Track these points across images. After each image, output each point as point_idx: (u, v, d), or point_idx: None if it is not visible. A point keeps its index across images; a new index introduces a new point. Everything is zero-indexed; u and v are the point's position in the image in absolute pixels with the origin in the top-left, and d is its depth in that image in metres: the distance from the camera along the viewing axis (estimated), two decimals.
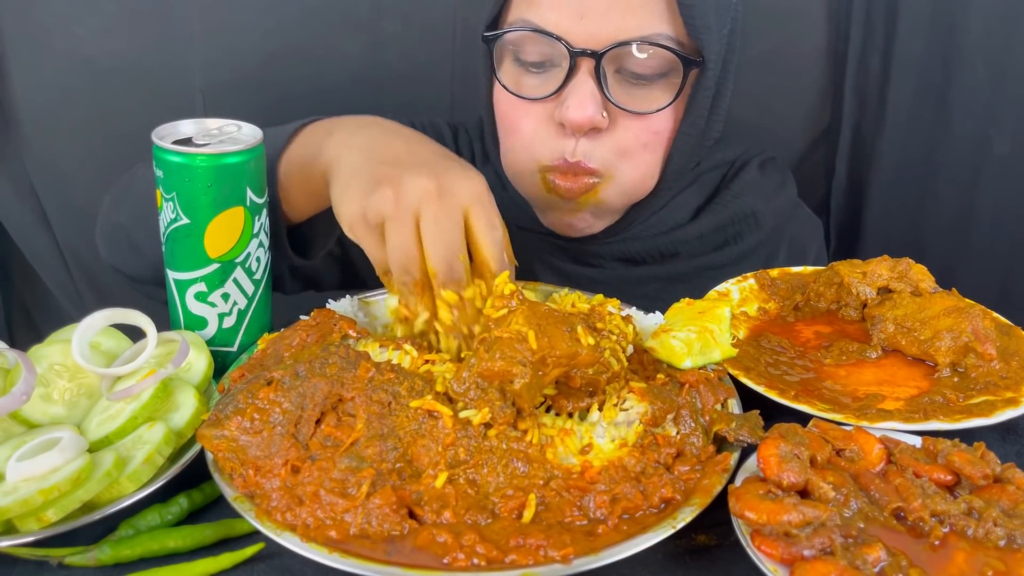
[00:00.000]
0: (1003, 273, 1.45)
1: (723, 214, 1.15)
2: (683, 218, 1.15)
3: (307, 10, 1.38)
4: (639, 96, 0.99)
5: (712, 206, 1.16)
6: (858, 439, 0.72)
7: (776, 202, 1.20)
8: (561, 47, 0.95)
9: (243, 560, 0.66)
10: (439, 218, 0.76)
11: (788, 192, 1.25)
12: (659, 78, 0.99)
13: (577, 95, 0.96)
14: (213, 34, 1.38)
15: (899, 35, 1.35)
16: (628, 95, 0.99)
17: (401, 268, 0.77)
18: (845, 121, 1.42)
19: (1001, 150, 1.38)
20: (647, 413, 0.74)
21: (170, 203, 0.82)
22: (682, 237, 1.14)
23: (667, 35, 0.96)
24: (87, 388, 0.79)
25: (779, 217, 1.20)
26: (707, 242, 1.15)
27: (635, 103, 0.99)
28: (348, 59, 1.40)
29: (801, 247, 1.24)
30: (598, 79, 0.96)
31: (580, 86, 0.96)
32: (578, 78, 0.96)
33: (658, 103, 0.99)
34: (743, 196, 1.17)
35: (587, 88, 0.96)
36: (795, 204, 1.27)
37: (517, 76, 1.02)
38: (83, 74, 1.39)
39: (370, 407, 0.71)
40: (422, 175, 0.77)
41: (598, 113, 0.96)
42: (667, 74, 0.99)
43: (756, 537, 0.62)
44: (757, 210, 1.16)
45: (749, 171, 1.20)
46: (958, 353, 0.87)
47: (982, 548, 0.63)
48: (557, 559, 0.61)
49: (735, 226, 1.16)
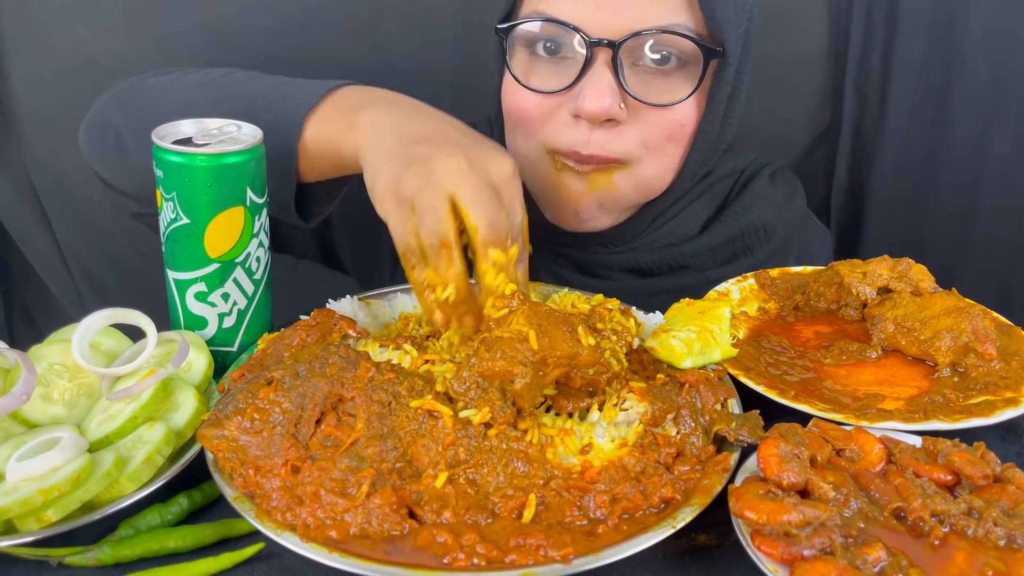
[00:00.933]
0: (1003, 273, 1.45)
1: (733, 227, 1.14)
2: (693, 229, 1.14)
3: (307, 10, 1.38)
4: (658, 87, 0.97)
5: (722, 218, 1.14)
6: (858, 439, 0.72)
7: (786, 214, 1.18)
8: (577, 37, 0.94)
9: (243, 560, 0.66)
10: (478, 187, 0.76)
11: (798, 203, 1.23)
12: (678, 69, 0.97)
13: (594, 85, 0.94)
14: (213, 34, 1.38)
15: (899, 35, 1.35)
16: (646, 86, 0.97)
17: (430, 231, 0.76)
18: (845, 121, 1.42)
19: (1001, 150, 1.38)
20: (647, 413, 0.74)
21: (170, 203, 0.82)
22: (692, 250, 1.12)
23: (686, 25, 0.95)
24: (87, 388, 0.79)
25: (789, 229, 1.18)
26: (716, 255, 1.14)
27: (654, 95, 0.97)
28: (348, 60, 1.40)
29: (810, 258, 1.21)
30: (615, 70, 0.95)
31: (597, 76, 0.95)
32: (595, 68, 0.95)
33: (678, 95, 0.97)
34: (753, 208, 1.15)
35: (604, 79, 0.94)
36: (805, 215, 1.25)
37: (530, 69, 1.01)
38: (83, 74, 1.39)
39: (370, 407, 0.71)
40: (455, 155, 0.78)
41: (616, 104, 0.95)
42: (686, 65, 0.97)
43: (756, 537, 0.62)
44: (767, 223, 1.15)
45: (759, 181, 1.18)
46: (958, 353, 0.87)
47: (982, 548, 0.63)
48: (557, 559, 0.61)
49: (745, 239, 1.14)
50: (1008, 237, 1.43)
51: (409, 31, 1.39)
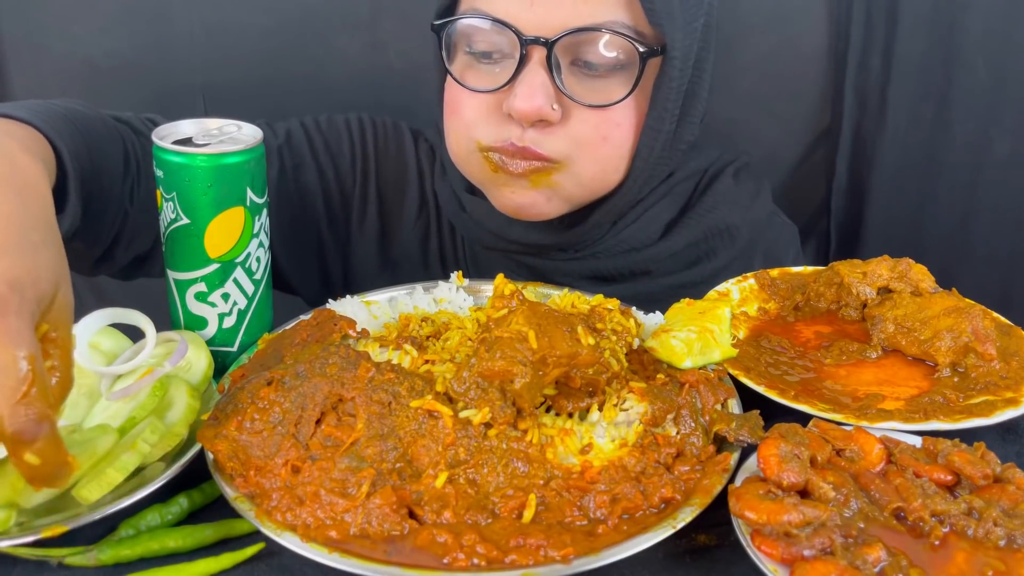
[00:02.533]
0: (1003, 273, 1.45)
1: (696, 229, 1.10)
2: (655, 233, 1.10)
3: (307, 10, 1.38)
4: (595, 88, 0.95)
5: (684, 220, 1.11)
6: (858, 439, 0.72)
7: (751, 214, 1.14)
8: (511, 35, 0.91)
9: (243, 560, 0.66)
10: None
11: (763, 200, 1.18)
12: (617, 69, 0.94)
13: (527, 84, 0.91)
14: (213, 34, 1.38)
15: (899, 35, 1.35)
16: (583, 87, 0.94)
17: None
18: (845, 122, 1.42)
19: (1001, 150, 1.38)
20: (647, 413, 0.74)
21: (170, 203, 0.82)
22: (653, 255, 1.09)
23: (623, 23, 0.92)
24: (87, 388, 0.79)
25: (754, 230, 1.14)
26: (679, 259, 1.10)
27: (590, 95, 0.94)
28: (348, 59, 1.41)
29: (776, 257, 1.18)
30: (550, 69, 0.92)
31: (530, 75, 0.92)
32: (528, 67, 0.92)
33: (616, 95, 0.94)
34: (717, 209, 1.11)
35: (538, 78, 0.92)
36: (771, 213, 1.21)
37: (468, 68, 0.98)
38: (83, 74, 1.39)
39: (370, 407, 0.71)
40: None
41: (548, 104, 0.92)
42: (626, 65, 0.94)
43: (756, 537, 0.62)
44: (731, 224, 1.11)
45: (723, 180, 1.13)
46: (958, 353, 0.87)
47: (982, 548, 0.63)
48: (557, 559, 0.61)
49: (708, 242, 1.11)
50: (1008, 237, 1.43)
51: (409, 31, 1.39)
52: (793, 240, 1.26)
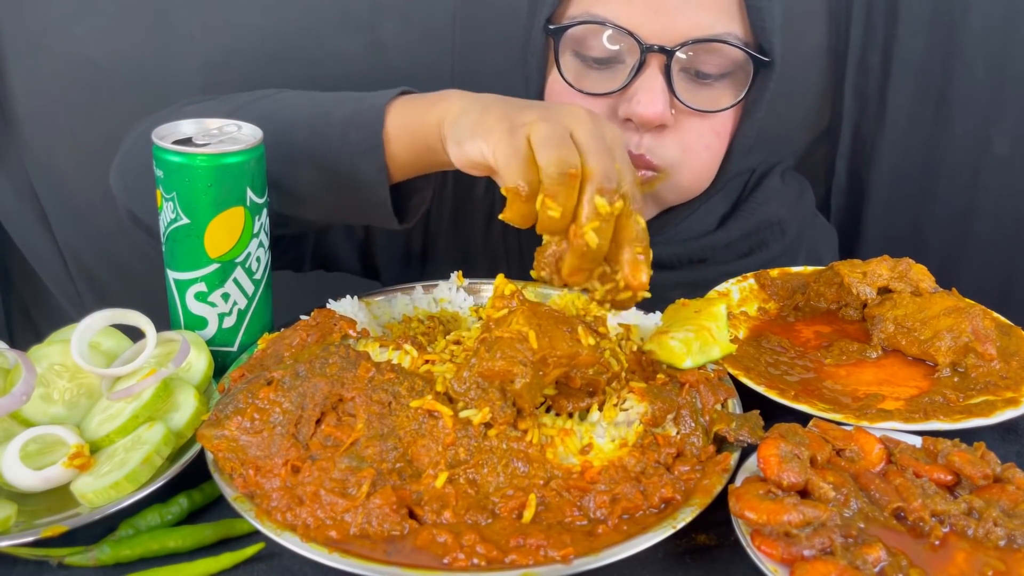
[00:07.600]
0: (1003, 273, 1.45)
1: (749, 221, 1.16)
2: (711, 224, 1.16)
3: (307, 10, 1.38)
4: (704, 95, 0.99)
5: (738, 213, 1.17)
6: (858, 439, 0.72)
7: (798, 210, 1.22)
8: (631, 41, 0.95)
9: (243, 560, 0.66)
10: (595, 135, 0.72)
11: (807, 201, 1.26)
12: (722, 78, 0.99)
13: (648, 91, 0.95)
14: (213, 34, 1.38)
15: (899, 35, 1.35)
16: (693, 94, 0.99)
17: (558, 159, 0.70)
18: (845, 121, 1.42)
19: (1001, 150, 1.38)
20: (647, 413, 0.74)
21: (170, 203, 0.82)
22: (710, 244, 1.14)
23: (736, 35, 0.97)
24: (87, 388, 0.79)
25: (801, 226, 1.21)
26: (734, 249, 1.16)
27: (701, 102, 0.99)
28: (348, 59, 1.40)
29: (817, 256, 1.24)
30: (667, 76, 0.96)
31: (650, 82, 0.96)
32: (647, 74, 0.96)
33: (722, 103, 0.99)
34: (768, 204, 1.18)
35: (658, 84, 0.96)
36: (814, 213, 1.28)
37: (579, 71, 1.01)
38: (83, 74, 1.39)
39: (370, 407, 0.71)
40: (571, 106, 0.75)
41: (667, 110, 0.96)
42: (730, 74, 0.99)
43: (756, 537, 0.62)
44: (782, 218, 1.18)
45: (772, 179, 1.21)
46: (958, 353, 0.87)
47: (982, 548, 0.63)
48: (557, 559, 0.61)
49: (760, 234, 1.17)
50: (1008, 237, 1.43)
51: (409, 30, 1.39)
52: (831, 243, 1.31)
